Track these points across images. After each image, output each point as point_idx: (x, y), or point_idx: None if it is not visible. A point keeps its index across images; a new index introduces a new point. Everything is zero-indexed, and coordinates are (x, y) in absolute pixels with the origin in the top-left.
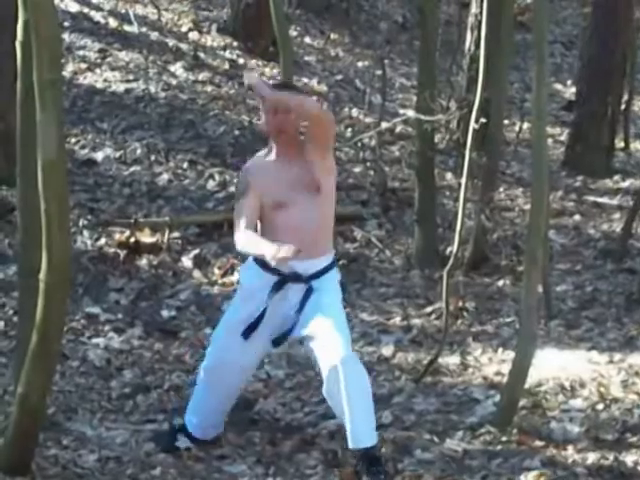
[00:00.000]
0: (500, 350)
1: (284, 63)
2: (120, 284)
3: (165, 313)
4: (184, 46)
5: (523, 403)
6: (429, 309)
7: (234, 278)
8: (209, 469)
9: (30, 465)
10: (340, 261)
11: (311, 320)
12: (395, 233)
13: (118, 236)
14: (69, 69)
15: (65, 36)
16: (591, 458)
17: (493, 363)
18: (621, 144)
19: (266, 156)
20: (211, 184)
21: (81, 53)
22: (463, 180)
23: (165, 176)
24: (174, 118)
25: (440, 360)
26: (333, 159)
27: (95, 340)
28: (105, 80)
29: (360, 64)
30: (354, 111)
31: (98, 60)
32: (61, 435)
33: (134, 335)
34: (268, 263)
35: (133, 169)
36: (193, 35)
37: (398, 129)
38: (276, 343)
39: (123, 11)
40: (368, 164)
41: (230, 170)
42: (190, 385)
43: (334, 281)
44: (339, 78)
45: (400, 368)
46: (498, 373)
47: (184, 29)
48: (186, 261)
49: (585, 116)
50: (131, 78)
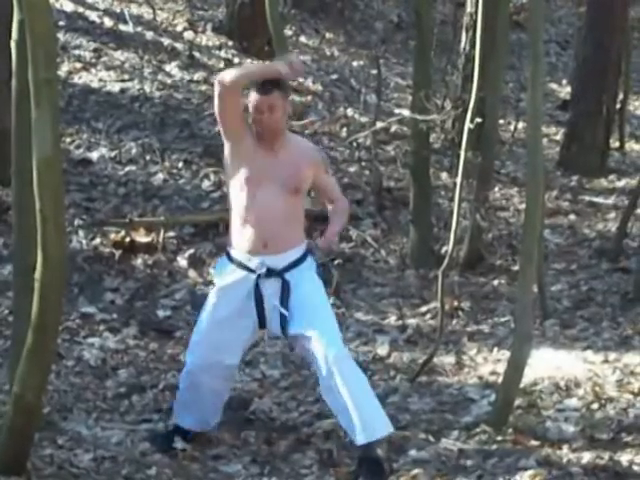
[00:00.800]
0: (495, 349)
1: None
2: (115, 284)
3: (160, 313)
4: (179, 45)
5: (518, 402)
6: (424, 309)
7: None
8: (204, 469)
9: (25, 465)
10: (335, 260)
11: (298, 319)
12: (390, 233)
13: (113, 236)
14: (64, 68)
15: (60, 35)
16: (586, 457)
17: (488, 362)
18: (616, 144)
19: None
20: (206, 184)
21: (76, 52)
22: (458, 180)
23: (160, 176)
24: (169, 117)
25: (435, 360)
26: None
27: (90, 340)
28: (100, 79)
29: (355, 63)
30: (349, 110)
31: (93, 59)
32: (56, 435)
33: (129, 335)
34: (239, 259)
35: (128, 169)
36: (188, 34)
37: (393, 129)
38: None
39: (118, 10)
40: (363, 163)
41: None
42: None
43: (311, 272)
44: (334, 77)
45: (395, 368)
46: (493, 372)
47: (179, 28)
48: (181, 261)
49: (580, 116)
50: (126, 78)
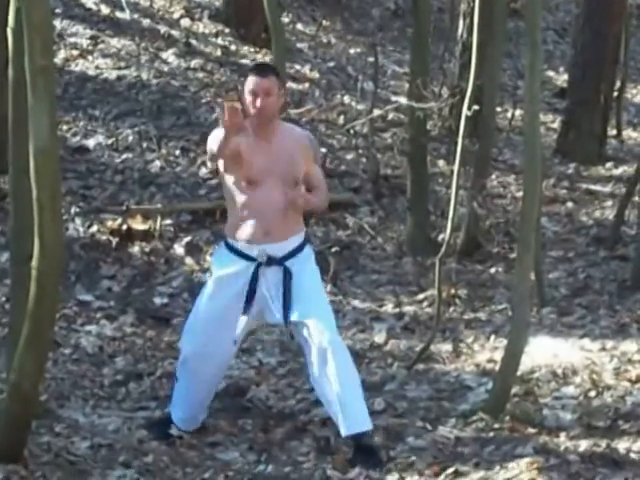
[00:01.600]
0: (492, 337)
1: (276, 50)
2: (112, 271)
3: (157, 300)
4: (176, 33)
5: (515, 390)
6: (421, 296)
7: None
8: (201, 456)
9: (22, 452)
10: (332, 248)
11: (297, 306)
12: (387, 220)
13: (110, 223)
14: (61, 56)
15: (57, 23)
16: (583, 445)
17: (485, 350)
18: (613, 131)
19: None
20: (203, 171)
21: (73, 40)
22: (455, 167)
23: (157, 163)
24: (166, 105)
25: (432, 347)
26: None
27: (87, 327)
28: (97, 67)
29: (352, 51)
30: (346, 98)
31: (90, 47)
32: (53, 422)
33: (126, 322)
34: (239, 248)
35: (125, 156)
36: (185, 22)
37: (390, 116)
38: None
39: None
40: (360, 151)
41: None
42: None
43: (310, 260)
44: (331, 65)
45: (392, 355)
46: (490, 360)
47: (176, 16)
48: (178, 248)
49: (578, 103)
50: (123, 65)
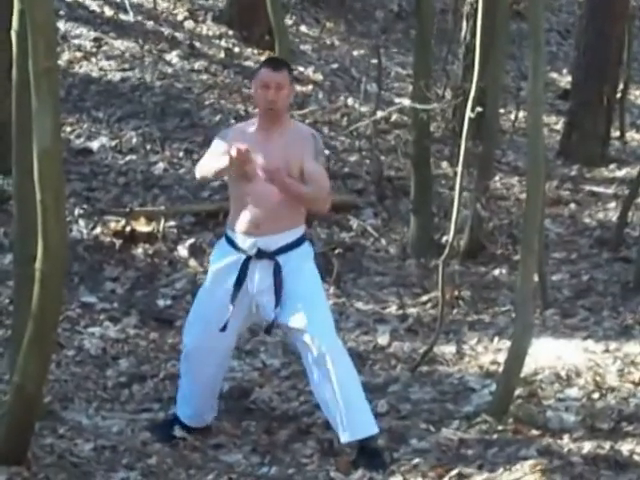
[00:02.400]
0: (496, 339)
1: (280, 52)
2: (116, 273)
3: (161, 302)
4: (180, 35)
5: (519, 392)
6: (425, 298)
7: None
8: (205, 458)
9: (26, 454)
10: (336, 250)
11: (293, 308)
12: (391, 222)
13: (114, 225)
14: (64, 58)
15: (60, 25)
16: (587, 447)
17: (489, 352)
18: (617, 133)
19: (247, 126)
20: None
21: (76, 42)
22: (459, 169)
23: (161, 165)
24: (170, 107)
25: (436, 349)
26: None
27: (91, 329)
28: (101, 69)
29: (356, 53)
30: (350, 100)
31: (93, 49)
32: (57, 424)
33: (130, 324)
34: (235, 240)
35: (129, 158)
36: (189, 24)
37: (394, 118)
38: (267, 331)
39: (118, 0)
40: (364, 153)
41: None
42: None
43: (307, 258)
44: (335, 67)
45: (396, 357)
46: (494, 362)
47: (180, 18)
48: (182, 250)
49: (581, 105)
50: (127, 67)
